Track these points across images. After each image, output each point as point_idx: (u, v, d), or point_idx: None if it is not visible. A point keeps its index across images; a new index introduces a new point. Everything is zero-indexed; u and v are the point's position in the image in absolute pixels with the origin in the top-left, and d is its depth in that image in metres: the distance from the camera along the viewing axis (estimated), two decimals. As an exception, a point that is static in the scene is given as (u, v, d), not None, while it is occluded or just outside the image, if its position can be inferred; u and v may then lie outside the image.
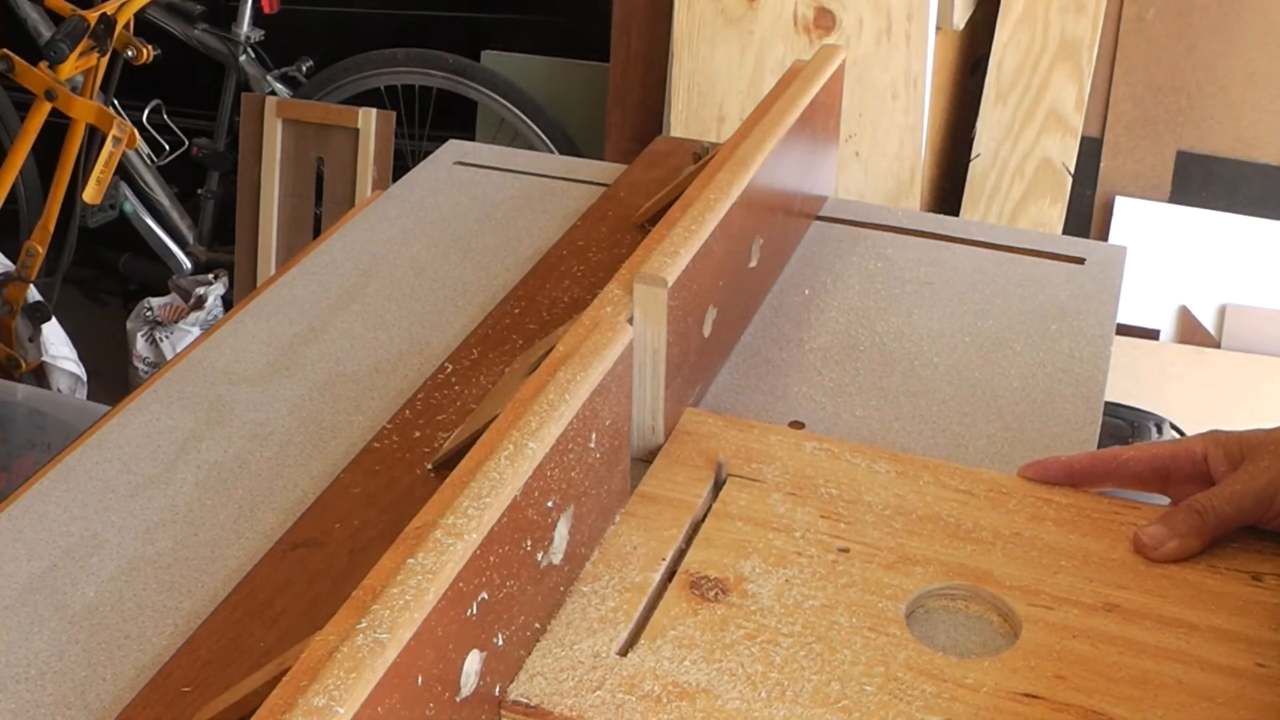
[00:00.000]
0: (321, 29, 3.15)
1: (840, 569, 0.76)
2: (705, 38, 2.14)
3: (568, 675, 0.69)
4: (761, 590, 0.75)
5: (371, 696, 0.56)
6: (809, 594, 0.74)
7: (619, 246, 1.13)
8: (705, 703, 0.68)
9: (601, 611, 0.73)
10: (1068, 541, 0.78)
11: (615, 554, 0.77)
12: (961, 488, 0.82)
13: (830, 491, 0.82)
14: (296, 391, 0.97)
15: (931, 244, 1.16)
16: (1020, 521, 0.80)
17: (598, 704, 0.67)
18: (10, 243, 2.78)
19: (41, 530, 0.84)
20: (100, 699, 0.73)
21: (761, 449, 0.85)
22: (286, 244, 2.85)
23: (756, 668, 0.70)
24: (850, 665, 0.70)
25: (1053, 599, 0.74)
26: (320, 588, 0.78)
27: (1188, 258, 2.32)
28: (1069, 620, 0.73)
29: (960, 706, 0.68)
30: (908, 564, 0.77)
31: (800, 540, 0.78)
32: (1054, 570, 0.76)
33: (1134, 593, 0.75)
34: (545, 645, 0.71)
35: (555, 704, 0.67)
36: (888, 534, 0.79)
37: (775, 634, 0.72)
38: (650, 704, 0.67)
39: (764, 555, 0.77)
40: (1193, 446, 0.81)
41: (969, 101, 2.34)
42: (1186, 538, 0.77)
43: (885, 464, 0.84)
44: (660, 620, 0.73)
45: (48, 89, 2.56)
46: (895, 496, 0.82)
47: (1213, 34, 2.27)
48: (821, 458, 0.85)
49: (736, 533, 0.79)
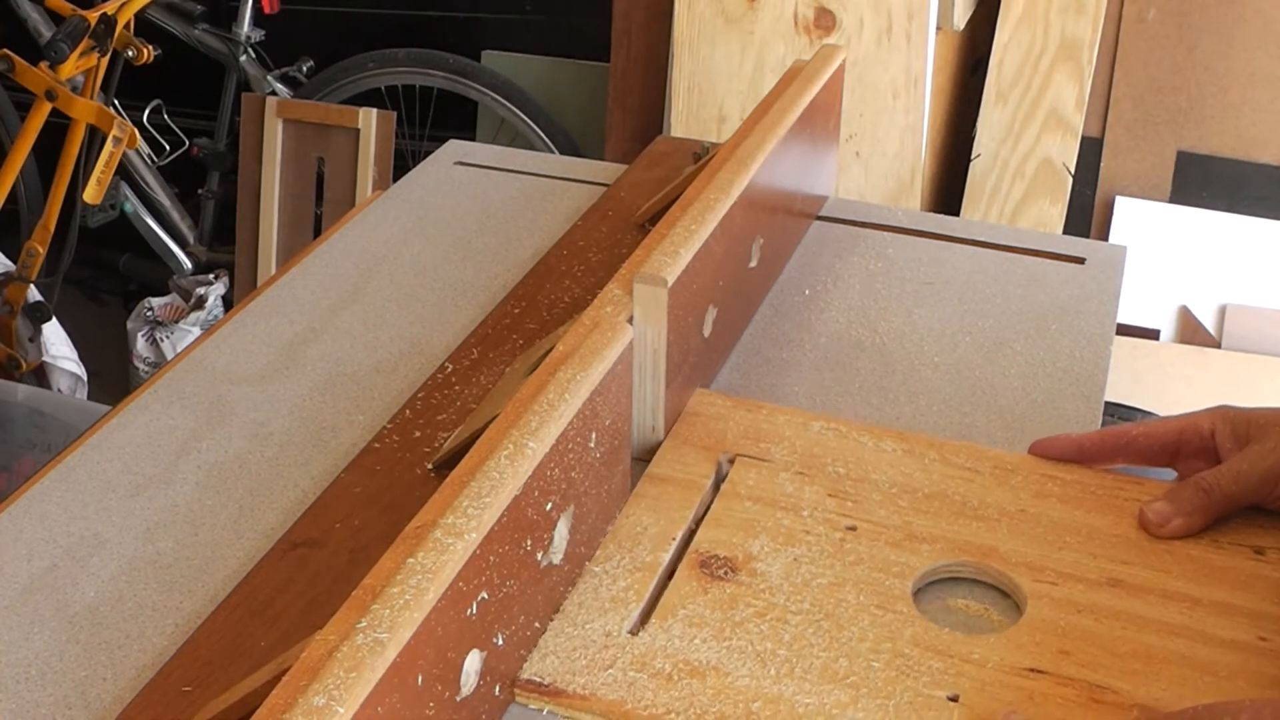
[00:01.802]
0: (321, 29, 3.15)
1: (848, 547, 0.77)
2: (705, 38, 2.14)
3: (580, 654, 0.70)
4: (770, 569, 0.75)
5: (371, 696, 0.56)
6: (817, 572, 0.75)
7: (619, 246, 1.13)
8: (715, 680, 0.68)
9: (613, 591, 0.74)
10: (1072, 518, 0.79)
11: (626, 534, 0.78)
12: (967, 465, 0.83)
13: (838, 470, 0.83)
14: (297, 391, 0.97)
15: (931, 244, 1.16)
16: (1025, 498, 0.81)
17: (609, 682, 0.68)
18: (11, 243, 2.78)
19: (42, 530, 0.84)
20: (101, 699, 0.73)
21: (770, 429, 0.86)
22: (287, 244, 2.85)
23: (766, 645, 0.71)
24: (858, 642, 0.71)
25: (1057, 575, 0.75)
26: (320, 587, 0.78)
27: (1188, 258, 2.32)
28: (1073, 596, 0.73)
29: (966, 681, 0.68)
30: (914, 541, 0.77)
31: (808, 519, 0.79)
32: (1059, 546, 0.77)
33: (1138, 568, 0.75)
34: (558, 625, 0.72)
35: (568, 682, 0.68)
36: (894, 512, 0.80)
37: (784, 612, 0.73)
38: (661, 682, 0.68)
39: (772, 534, 0.78)
40: (1200, 423, 0.81)
41: (969, 101, 2.34)
42: (1191, 516, 0.77)
43: (892, 443, 0.85)
44: (671, 599, 0.74)
45: (48, 89, 2.56)
46: (902, 475, 0.83)
47: (1213, 34, 2.27)
48: (829, 437, 0.86)
49: (745, 512, 0.80)
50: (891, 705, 0.67)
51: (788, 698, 0.68)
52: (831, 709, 0.67)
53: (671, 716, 0.67)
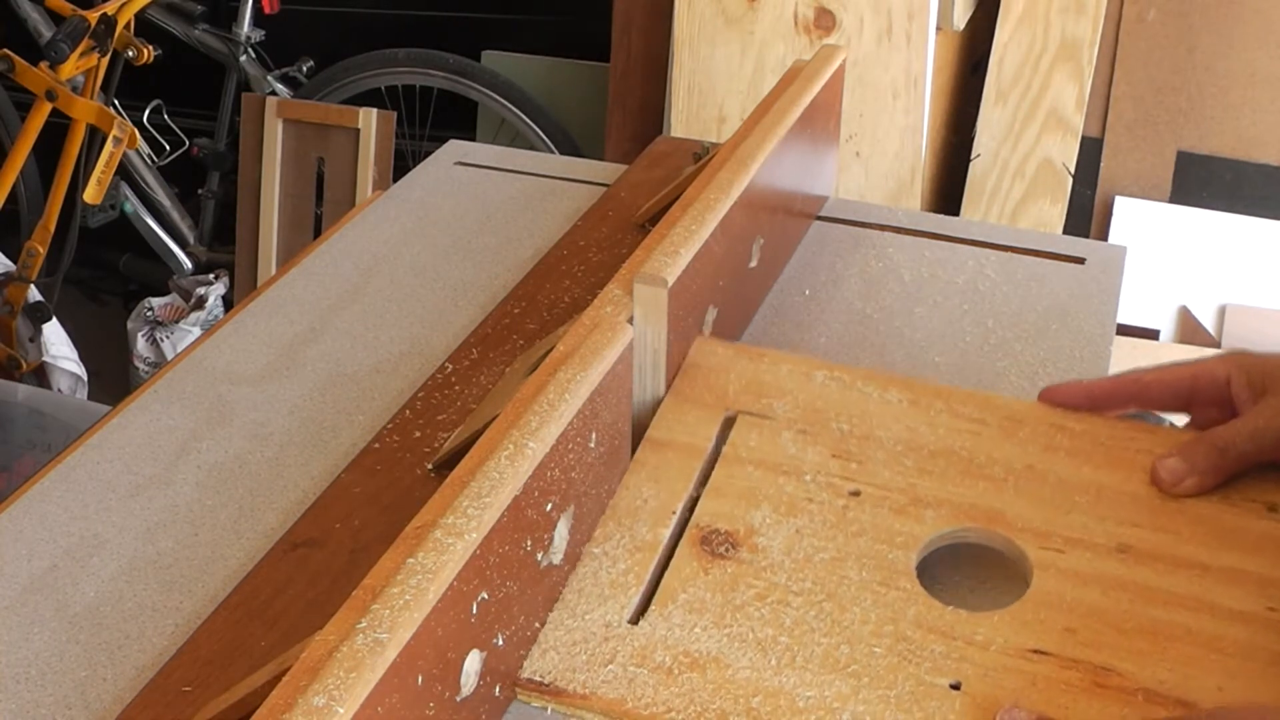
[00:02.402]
0: (322, 29, 3.15)
1: (851, 515, 0.76)
2: (706, 38, 2.14)
3: (580, 649, 0.69)
4: (772, 543, 0.75)
5: (371, 696, 0.56)
6: (819, 545, 0.74)
7: (619, 246, 1.13)
8: (716, 673, 0.68)
9: (612, 575, 0.73)
10: (1081, 475, 0.78)
11: (626, 509, 0.77)
12: (975, 416, 0.82)
13: (841, 427, 0.82)
14: (297, 391, 0.97)
15: (931, 244, 1.16)
16: (1034, 453, 0.79)
17: (609, 679, 0.68)
18: (11, 243, 2.78)
19: (42, 530, 0.84)
20: (101, 699, 0.73)
21: (772, 381, 0.85)
22: (287, 244, 2.85)
23: (767, 631, 0.70)
24: (860, 625, 0.70)
25: (1065, 541, 0.74)
26: (320, 588, 0.78)
27: (1188, 258, 2.32)
28: (1080, 566, 0.72)
29: (969, 667, 0.68)
30: (919, 507, 0.76)
31: (811, 485, 0.78)
32: (1066, 509, 0.76)
33: (1147, 530, 0.74)
34: (558, 616, 0.71)
35: (568, 681, 0.68)
36: (899, 473, 0.79)
37: (785, 593, 0.72)
38: (661, 676, 0.68)
39: (775, 503, 0.77)
40: (1216, 370, 0.80)
41: (969, 101, 2.35)
42: (1205, 475, 0.76)
43: (897, 392, 0.84)
44: (671, 583, 0.73)
45: (48, 89, 2.56)
46: (907, 430, 0.81)
47: (1213, 34, 2.27)
48: (833, 388, 0.84)
49: (747, 479, 0.79)
50: (893, 695, 0.67)
51: (788, 691, 0.67)
52: (833, 702, 0.67)
53: (672, 715, 0.66)
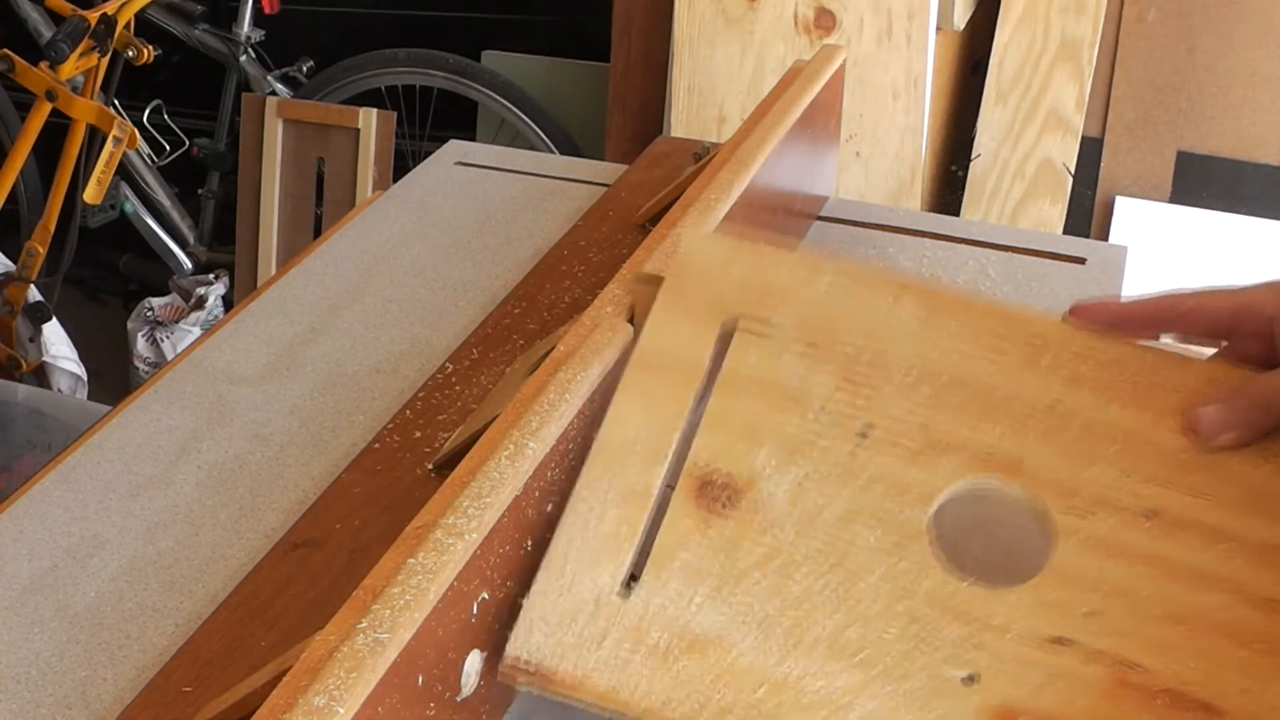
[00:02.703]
0: (321, 29, 3.15)
1: (860, 461, 0.70)
2: (706, 38, 2.14)
3: (568, 626, 0.65)
4: (775, 493, 0.69)
5: (372, 696, 0.56)
6: (827, 498, 0.69)
7: (619, 247, 1.13)
8: (716, 657, 0.64)
9: (601, 530, 0.68)
10: (1107, 416, 0.71)
11: (615, 446, 0.70)
12: (997, 335, 0.74)
13: (849, 348, 0.74)
14: (297, 391, 0.97)
15: (932, 244, 1.16)
16: (1057, 386, 0.73)
17: (601, 663, 0.64)
18: (11, 243, 2.78)
19: (42, 530, 0.84)
20: (101, 699, 0.73)
21: (774, 283, 0.77)
22: (287, 244, 2.85)
23: (771, 605, 0.66)
24: (870, 603, 0.66)
25: (1089, 500, 0.69)
26: (320, 588, 0.78)
27: (1188, 258, 2.32)
28: (1106, 534, 0.68)
29: (986, 656, 0.64)
30: (934, 452, 0.70)
31: (815, 422, 0.71)
32: (1091, 460, 0.70)
33: (1177, 492, 0.69)
34: (545, 578, 0.66)
35: (557, 665, 0.64)
36: (912, 408, 0.72)
37: (790, 557, 0.67)
38: (656, 660, 0.64)
39: (777, 442, 0.71)
40: (1263, 304, 0.74)
41: (969, 101, 2.35)
42: (1244, 430, 0.71)
43: (910, 305, 0.75)
44: (667, 540, 0.67)
45: (48, 89, 2.56)
46: (921, 352, 0.74)
47: (1213, 34, 2.27)
48: (838, 296, 0.76)
49: (746, 412, 0.72)
50: (903, 690, 0.63)
51: (794, 682, 0.64)
52: (841, 695, 0.63)
53: (670, 708, 0.63)
